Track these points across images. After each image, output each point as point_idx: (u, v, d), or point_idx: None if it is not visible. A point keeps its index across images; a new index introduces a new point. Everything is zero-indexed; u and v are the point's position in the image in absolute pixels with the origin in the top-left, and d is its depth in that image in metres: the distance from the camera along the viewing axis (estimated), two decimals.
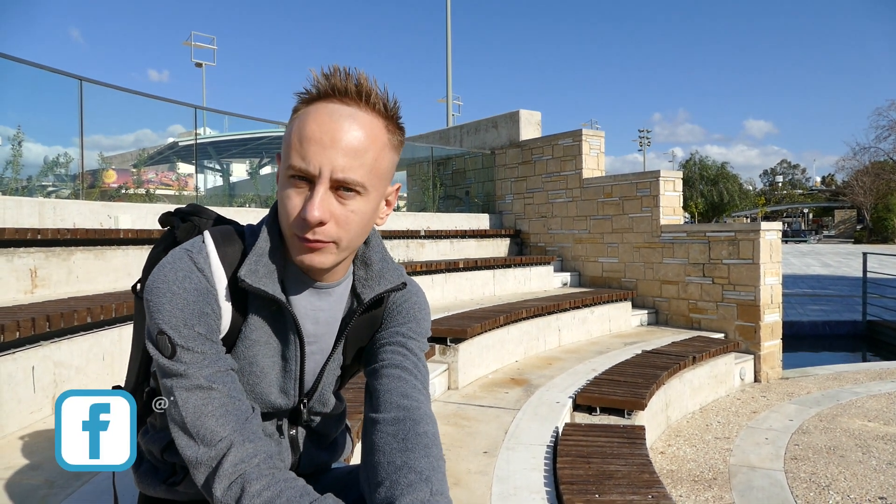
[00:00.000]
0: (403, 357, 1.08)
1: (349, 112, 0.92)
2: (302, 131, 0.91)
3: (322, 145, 0.90)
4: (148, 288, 0.94)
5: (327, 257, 0.96)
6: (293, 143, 0.92)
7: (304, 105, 0.95)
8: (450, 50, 17.92)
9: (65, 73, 5.22)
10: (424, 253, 7.23)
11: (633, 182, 7.16)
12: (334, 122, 0.91)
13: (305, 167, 0.90)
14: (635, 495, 2.56)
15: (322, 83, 0.93)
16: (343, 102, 0.92)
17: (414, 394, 1.03)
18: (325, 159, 0.90)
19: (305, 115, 0.93)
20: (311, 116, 0.92)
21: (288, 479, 0.89)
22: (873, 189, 45.53)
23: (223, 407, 0.92)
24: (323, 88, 0.93)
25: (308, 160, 0.90)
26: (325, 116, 0.91)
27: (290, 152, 0.92)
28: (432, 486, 0.88)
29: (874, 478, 3.74)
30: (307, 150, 0.90)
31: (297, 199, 0.92)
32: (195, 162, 8.36)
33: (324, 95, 0.93)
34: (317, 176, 0.90)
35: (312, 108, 0.93)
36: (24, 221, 4.12)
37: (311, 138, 0.90)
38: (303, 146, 0.90)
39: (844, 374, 6.39)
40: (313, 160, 0.90)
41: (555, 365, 4.97)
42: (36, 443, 2.36)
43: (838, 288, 14.29)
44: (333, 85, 0.92)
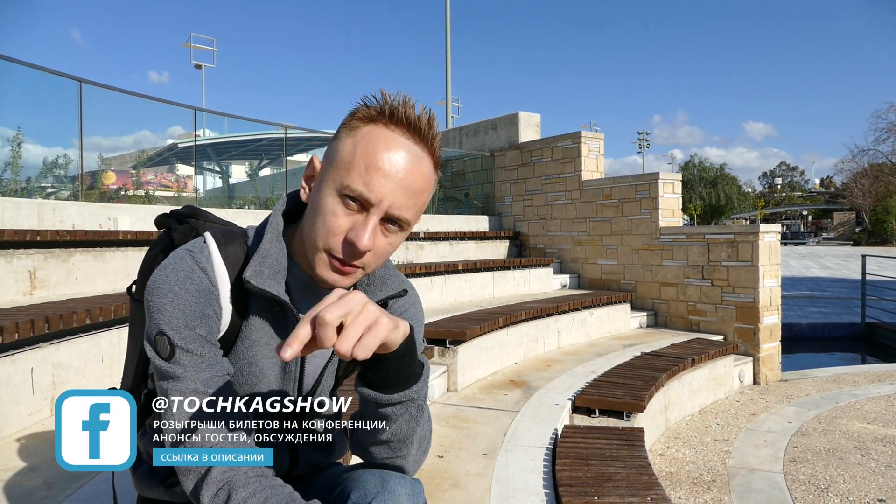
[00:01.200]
0: None
1: (418, 154, 0.92)
2: (371, 157, 0.90)
3: (389, 179, 0.89)
4: (149, 288, 0.94)
5: (351, 280, 0.97)
6: (356, 165, 0.90)
7: (368, 123, 0.92)
8: (449, 52, 17.94)
9: (64, 75, 5.22)
10: (424, 255, 7.23)
11: (633, 184, 7.16)
12: (407, 161, 0.91)
13: (367, 195, 0.89)
14: (634, 497, 2.56)
15: (399, 110, 0.91)
16: (413, 139, 0.92)
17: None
18: (389, 193, 0.90)
19: (374, 140, 0.91)
20: (383, 145, 0.90)
21: (275, 486, 0.89)
22: (872, 191, 45.59)
23: (215, 412, 0.91)
24: (398, 115, 0.91)
25: (372, 189, 0.89)
26: (399, 152, 0.90)
27: (352, 173, 0.90)
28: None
29: (873, 480, 3.74)
30: (373, 179, 0.89)
31: (344, 220, 0.91)
32: (194, 163, 8.36)
33: (396, 122, 0.92)
34: (374, 206, 0.90)
35: (383, 134, 0.91)
36: (24, 223, 4.12)
37: (380, 169, 0.89)
38: (369, 173, 0.89)
39: (843, 376, 6.39)
40: (377, 191, 0.89)
41: (554, 367, 4.97)
42: (35, 444, 2.36)
43: (837, 290, 14.30)
44: (409, 116, 0.91)
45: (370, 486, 0.96)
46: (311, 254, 0.95)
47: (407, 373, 0.88)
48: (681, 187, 7.11)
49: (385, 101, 0.92)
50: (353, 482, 0.99)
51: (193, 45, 34.13)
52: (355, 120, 0.93)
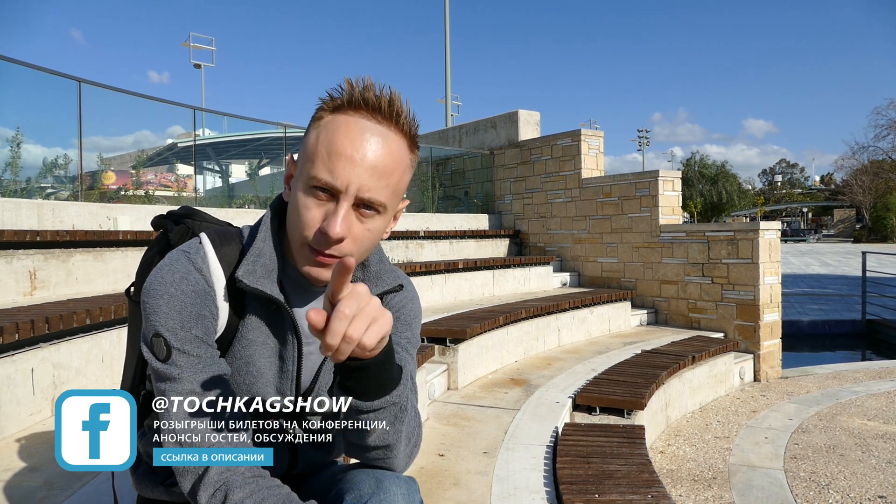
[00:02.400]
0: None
1: (381, 132, 0.91)
2: (331, 144, 0.89)
3: (352, 162, 0.88)
4: (145, 290, 0.93)
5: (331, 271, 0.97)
6: (320, 154, 0.89)
7: (330, 113, 0.92)
8: (448, 50, 17.93)
9: (63, 75, 5.22)
10: (424, 253, 7.23)
11: (632, 182, 7.16)
12: (366, 140, 0.89)
13: (332, 181, 0.89)
14: (635, 495, 2.56)
15: (356, 94, 0.90)
16: (374, 119, 0.91)
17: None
18: (354, 177, 0.89)
19: (334, 126, 0.90)
20: (343, 130, 0.89)
21: (271, 487, 0.89)
22: (872, 188, 45.58)
23: (213, 413, 0.91)
24: (356, 99, 0.90)
25: (336, 175, 0.88)
26: (357, 133, 0.89)
27: (316, 162, 0.89)
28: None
29: (874, 476, 3.74)
30: (336, 164, 0.88)
31: (316, 212, 0.91)
32: (194, 163, 8.36)
33: (355, 106, 0.91)
34: (342, 192, 0.89)
35: (342, 120, 0.90)
36: (23, 223, 4.12)
37: (340, 153, 0.88)
38: (331, 160, 0.88)
39: (844, 373, 6.39)
40: (342, 176, 0.88)
41: (554, 365, 4.97)
42: (35, 445, 2.36)
43: (837, 287, 14.29)
44: (367, 98, 0.90)
45: (365, 488, 0.96)
46: (295, 251, 0.96)
47: (386, 378, 0.87)
48: (681, 185, 7.10)
49: (346, 88, 0.92)
50: (349, 483, 0.99)
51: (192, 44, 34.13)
52: (319, 112, 0.93)
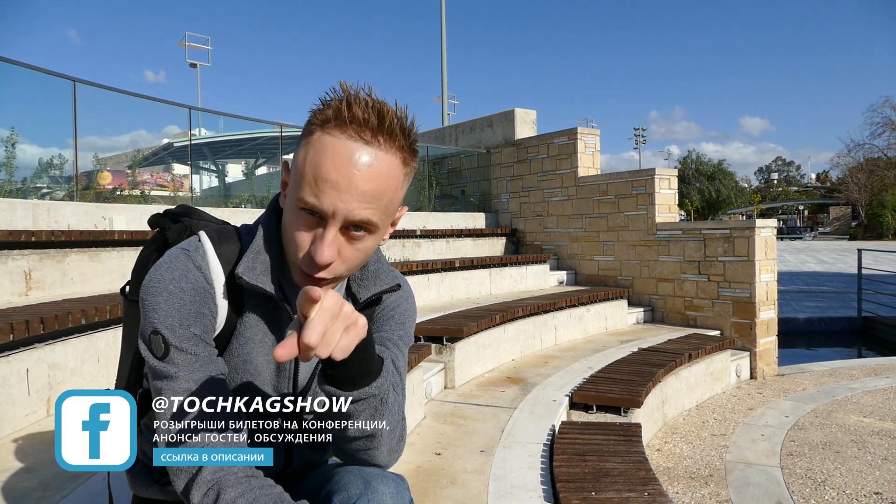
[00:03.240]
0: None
1: (368, 153, 0.87)
2: (317, 168, 0.87)
3: (337, 188, 0.86)
4: (144, 287, 0.93)
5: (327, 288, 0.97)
6: (307, 177, 0.88)
7: (319, 128, 0.89)
8: (444, 49, 17.92)
9: (58, 74, 5.20)
10: (420, 252, 7.23)
11: (629, 180, 7.17)
12: (352, 165, 0.86)
13: (318, 206, 0.87)
14: (632, 493, 2.56)
15: (343, 110, 0.87)
16: (362, 139, 0.87)
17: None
18: (340, 203, 0.87)
19: (321, 148, 0.88)
20: (329, 153, 0.87)
21: (263, 487, 0.89)
22: (868, 185, 45.71)
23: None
24: (343, 116, 0.87)
25: (321, 200, 0.87)
26: (343, 158, 0.86)
27: (303, 185, 0.88)
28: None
29: (870, 473, 3.75)
30: (321, 189, 0.87)
31: (305, 234, 0.90)
32: (190, 163, 8.36)
33: (341, 124, 0.87)
34: (329, 217, 0.88)
35: (329, 142, 0.87)
36: (18, 223, 4.11)
37: (326, 179, 0.86)
38: (317, 185, 0.87)
39: (840, 370, 6.41)
40: (327, 202, 0.87)
41: (551, 363, 4.98)
42: (30, 445, 2.35)
43: (833, 284, 14.34)
44: (354, 115, 0.87)
45: (353, 489, 0.96)
46: (290, 265, 0.97)
47: (367, 369, 0.87)
48: (677, 183, 7.11)
49: (335, 100, 0.89)
50: (337, 484, 0.99)
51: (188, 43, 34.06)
52: (310, 125, 0.91)
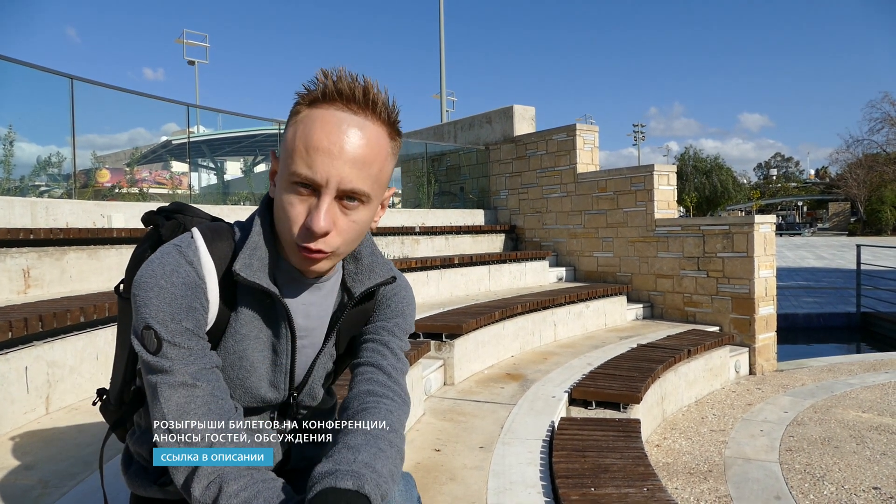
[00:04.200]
0: (382, 357, 1.09)
1: (357, 122, 0.91)
2: (308, 139, 0.89)
3: (330, 155, 0.88)
4: (135, 283, 0.93)
5: (325, 264, 0.97)
6: (298, 150, 0.89)
7: (306, 107, 0.92)
8: (443, 45, 17.90)
9: (55, 72, 5.19)
10: (419, 249, 7.23)
11: (628, 176, 7.16)
12: (343, 132, 0.89)
13: (311, 176, 0.89)
14: (631, 488, 2.56)
15: (329, 86, 0.90)
16: (350, 110, 0.91)
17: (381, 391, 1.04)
18: (333, 170, 0.89)
19: (310, 121, 0.90)
20: (318, 124, 0.89)
21: (266, 480, 0.89)
22: (867, 181, 45.70)
23: (206, 405, 0.91)
24: (329, 91, 0.90)
25: (315, 170, 0.89)
26: (333, 126, 0.89)
27: (295, 158, 0.90)
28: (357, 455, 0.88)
29: (868, 468, 3.76)
30: (314, 159, 0.88)
31: (300, 207, 0.91)
32: (189, 160, 8.35)
33: (329, 99, 0.91)
34: (323, 186, 0.89)
35: (318, 114, 0.90)
36: (17, 221, 4.10)
37: (318, 147, 0.88)
38: (309, 155, 0.89)
39: (839, 365, 6.42)
40: (320, 170, 0.89)
41: (550, 360, 4.98)
42: (29, 443, 2.35)
43: (832, 280, 14.35)
44: (340, 89, 0.90)
45: None
46: (286, 247, 0.97)
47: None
48: (676, 179, 7.11)
49: (319, 80, 0.92)
50: None
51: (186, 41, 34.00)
52: (296, 106, 0.93)
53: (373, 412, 0.98)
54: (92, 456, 2.18)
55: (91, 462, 2.12)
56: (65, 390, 2.80)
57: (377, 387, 1.04)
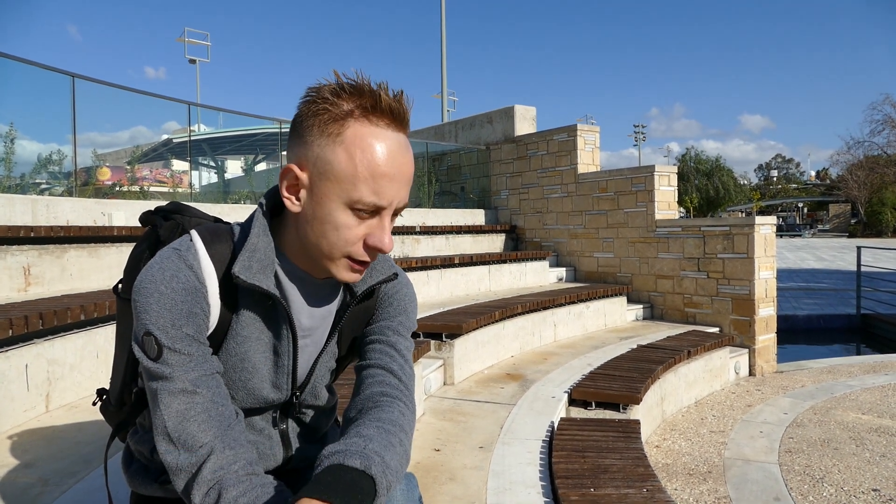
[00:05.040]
0: (391, 359, 1.09)
1: (404, 142, 0.94)
2: (374, 166, 0.89)
3: (394, 181, 0.91)
4: (135, 288, 0.92)
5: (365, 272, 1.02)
6: (362, 177, 0.89)
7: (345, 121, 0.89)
8: (444, 45, 17.89)
9: (57, 70, 5.18)
10: (420, 249, 7.23)
11: (628, 177, 7.16)
12: (402, 157, 0.92)
13: (378, 202, 0.91)
14: (630, 489, 2.56)
15: (381, 100, 0.89)
16: (397, 128, 0.92)
17: (393, 392, 1.04)
18: (396, 193, 0.92)
19: (367, 144, 0.88)
20: (380, 149, 0.89)
21: (265, 484, 0.89)
22: (867, 183, 45.68)
23: (206, 412, 0.91)
24: (381, 106, 0.89)
25: (381, 196, 0.91)
26: (393, 148, 0.91)
27: (359, 185, 0.89)
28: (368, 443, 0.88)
29: (868, 470, 3.76)
30: (382, 186, 0.90)
31: (360, 229, 0.93)
32: (189, 158, 8.35)
33: (378, 113, 0.90)
34: (386, 208, 0.93)
35: (371, 133, 0.89)
36: (17, 219, 4.10)
37: (384, 174, 0.90)
38: (376, 182, 0.89)
39: (838, 367, 6.42)
40: (386, 196, 0.91)
41: (550, 360, 4.98)
42: (30, 441, 2.35)
43: (833, 281, 14.35)
44: (392, 108, 0.90)
45: None
46: (326, 262, 0.96)
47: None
48: (676, 180, 7.11)
49: (358, 88, 0.89)
50: None
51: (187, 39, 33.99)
52: (331, 123, 0.89)
53: (387, 410, 0.99)
54: (92, 454, 2.18)
55: (91, 460, 2.12)
56: (65, 388, 2.80)
57: (390, 389, 1.04)
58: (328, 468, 0.81)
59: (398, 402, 1.03)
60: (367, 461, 0.83)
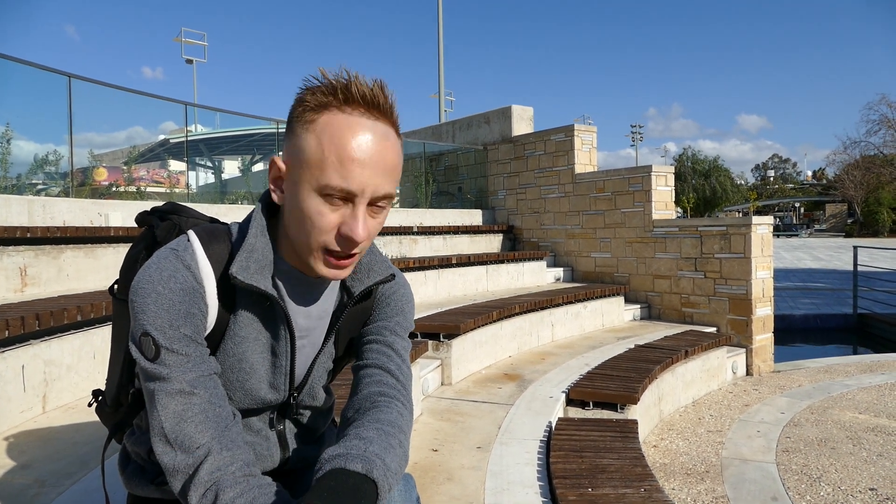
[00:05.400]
0: (388, 359, 1.09)
1: (382, 130, 0.91)
2: (342, 150, 0.88)
3: (364, 166, 0.89)
4: (133, 289, 0.92)
5: (349, 269, 0.98)
6: (329, 161, 0.88)
7: (321, 111, 0.90)
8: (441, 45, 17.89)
9: (53, 70, 5.17)
10: (417, 249, 7.23)
11: (626, 177, 7.17)
12: (375, 143, 0.90)
13: (348, 187, 0.89)
14: (628, 489, 2.57)
15: (353, 91, 0.89)
16: (372, 116, 0.91)
17: (391, 392, 1.04)
18: (368, 180, 0.89)
19: (338, 130, 0.89)
20: (348, 133, 0.88)
21: (262, 486, 0.89)
22: (864, 183, 45.83)
23: (203, 413, 0.91)
24: (353, 97, 0.89)
25: (350, 181, 0.88)
26: (366, 135, 0.89)
27: (327, 170, 0.88)
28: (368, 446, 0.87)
29: (865, 469, 3.77)
30: (350, 170, 0.88)
31: (332, 217, 0.91)
32: (186, 159, 8.33)
33: (351, 103, 0.90)
34: (358, 195, 0.90)
35: (343, 121, 0.89)
36: (13, 220, 4.09)
37: (353, 159, 0.88)
38: (344, 166, 0.88)
39: (835, 366, 6.43)
40: (356, 181, 0.89)
41: (548, 360, 4.98)
42: (26, 442, 2.34)
43: (829, 281, 14.38)
44: (364, 94, 0.90)
45: None
46: (306, 255, 0.95)
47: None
48: (673, 180, 7.12)
49: (332, 83, 0.90)
50: None
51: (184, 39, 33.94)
52: (308, 112, 0.91)
53: (385, 411, 0.99)
54: (89, 455, 2.17)
55: (88, 462, 2.12)
56: (62, 389, 2.79)
57: (388, 388, 1.04)
58: (330, 472, 0.81)
59: (396, 402, 1.02)
60: (369, 465, 0.83)
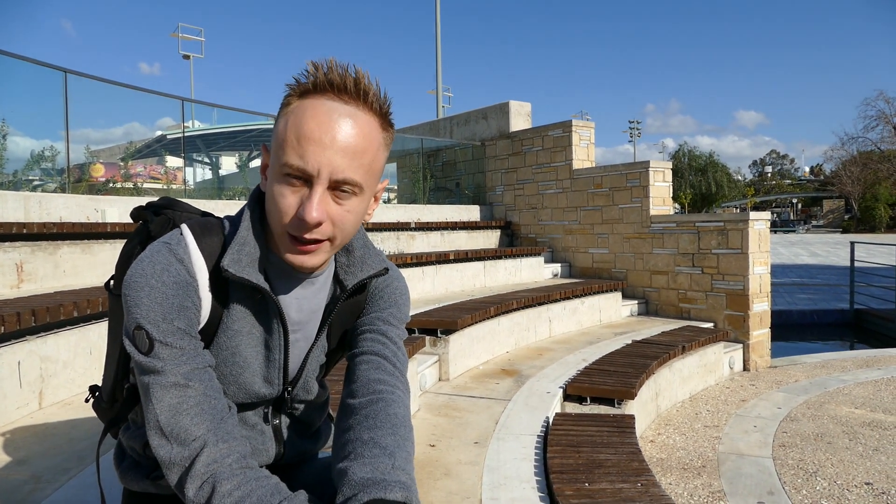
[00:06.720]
0: (383, 346, 1.08)
1: (349, 112, 0.90)
2: (300, 129, 0.88)
3: (321, 145, 0.87)
4: (126, 283, 0.92)
5: (319, 257, 0.95)
6: (289, 140, 0.89)
7: (297, 98, 0.91)
8: (439, 40, 17.85)
9: (49, 65, 5.15)
10: (415, 245, 7.22)
11: (623, 173, 7.17)
12: (334, 121, 0.88)
13: (303, 167, 0.88)
14: (625, 483, 2.57)
15: (320, 76, 0.89)
16: (341, 100, 0.90)
17: (390, 380, 1.04)
18: (325, 160, 0.88)
19: (302, 111, 0.89)
20: (310, 113, 0.89)
21: (259, 478, 0.88)
22: (861, 179, 45.92)
23: (199, 406, 0.90)
24: (320, 82, 0.89)
25: (306, 160, 0.87)
26: (325, 115, 0.88)
27: (286, 149, 0.89)
28: (394, 461, 0.89)
29: (861, 464, 3.78)
30: (306, 149, 0.87)
31: (292, 199, 0.90)
32: (183, 155, 8.30)
33: (320, 89, 0.90)
34: (315, 176, 0.88)
35: (309, 104, 0.90)
36: (10, 216, 4.08)
37: (309, 137, 0.87)
38: (301, 145, 0.87)
39: (832, 362, 6.45)
40: (312, 160, 0.87)
41: (546, 355, 4.99)
42: (22, 438, 2.34)
43: (826, 277, 14.41)
44: (332, 80, 0.89)
45: None
46: (277, 240, 0.95)
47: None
48: (671, 175, 7.12)
49: (312, 72, 0.91)
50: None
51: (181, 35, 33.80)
52: (287, 98, 0.92)
53: (392, 405, 0.99)
54: (85, 451, 2.17)
55: (84, 457, 2.11)
56: (58, 385, 2.79)
57: (385, 375, 1.04)
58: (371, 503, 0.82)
59: (396, 390, 1.02)
60: (408, 492, 0.84)
